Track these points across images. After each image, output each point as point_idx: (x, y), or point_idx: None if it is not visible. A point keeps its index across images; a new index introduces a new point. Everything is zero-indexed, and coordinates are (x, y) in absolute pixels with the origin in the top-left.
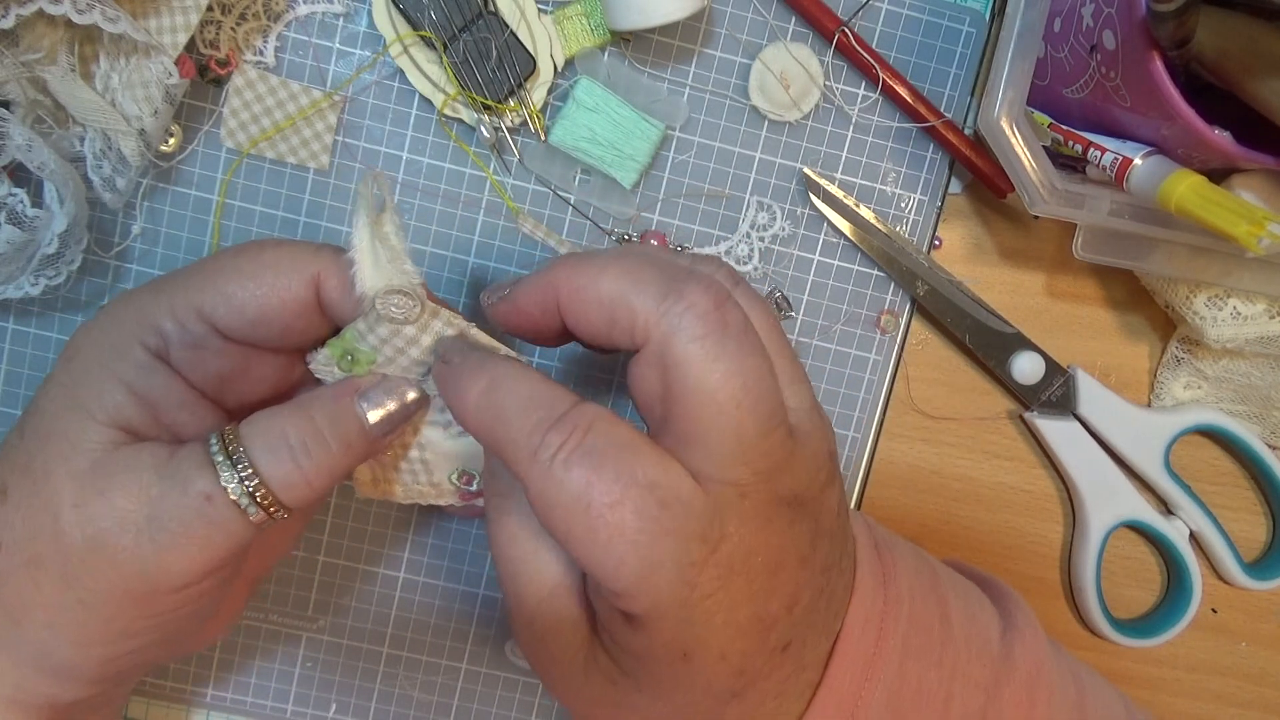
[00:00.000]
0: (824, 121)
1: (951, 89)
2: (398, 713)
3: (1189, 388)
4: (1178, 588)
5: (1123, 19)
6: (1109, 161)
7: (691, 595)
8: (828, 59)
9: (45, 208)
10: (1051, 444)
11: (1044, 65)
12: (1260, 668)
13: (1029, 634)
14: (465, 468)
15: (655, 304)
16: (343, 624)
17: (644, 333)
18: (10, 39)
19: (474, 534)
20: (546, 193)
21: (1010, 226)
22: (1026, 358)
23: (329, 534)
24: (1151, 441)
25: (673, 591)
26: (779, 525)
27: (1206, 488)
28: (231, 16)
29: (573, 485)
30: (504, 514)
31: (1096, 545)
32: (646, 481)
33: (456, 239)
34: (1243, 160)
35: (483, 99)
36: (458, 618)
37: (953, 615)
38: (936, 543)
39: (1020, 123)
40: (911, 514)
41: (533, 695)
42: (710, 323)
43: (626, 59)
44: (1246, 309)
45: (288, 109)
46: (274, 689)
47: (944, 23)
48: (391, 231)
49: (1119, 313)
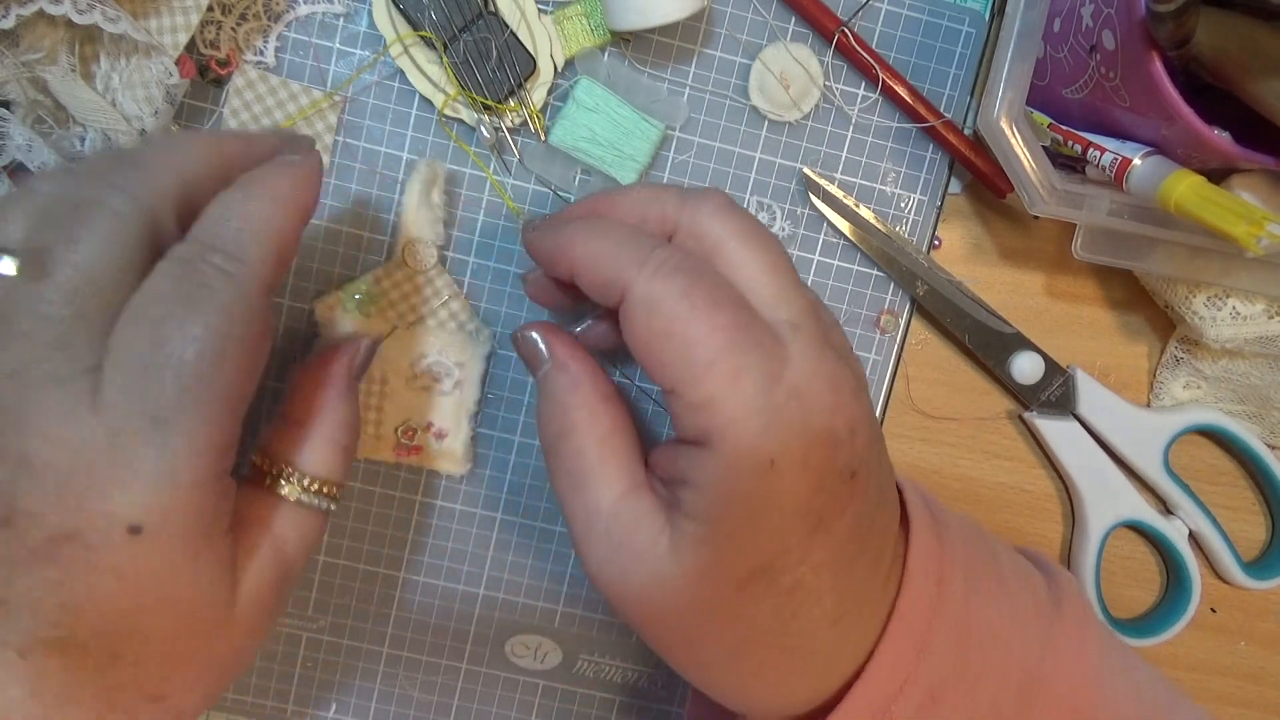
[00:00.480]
0: (824, 121)
1: (951, 89)
2: (398, 713)
3: (1188, 387)
4: (1177, 587)
5: (1122, 19)
6: (1108, 161)
7: (770, 402)
8: (828, 59)
9: None
10: (1051, 444)
11: (1043, 65)
12: (1259, 667)
13: (1066, 582)
14: (411, 421)
15: (679, 199)
16: (343, 624)
17: (673, 221)
18: (11, 39)
19: (474, 534)
20: (546, 193)
21: (1010, 226)
22: (1026, 358)
23: (329, 534)
24: (1151, 441)
25: (756, 398)
26: (830, 358)
27: (1206, 487)
28: (232, 16)
29: (676, 287)
30: (569, 433)
31: (1096, 545)
32: (735, 296)
33: (456, 239)
34: (1242, 160)
35: (483, 99)
36: (458, 618)
37: (1002, 560)
38: None
39: (1020, 123)
40: None
41: (533, 695)
42: (729, 201)
43: (626, 59)
44: (1246, 309)
45: (288, 109)
46: (274, 689)
47: (944, 23)
48: (438, 200)
49: (1118, 313)
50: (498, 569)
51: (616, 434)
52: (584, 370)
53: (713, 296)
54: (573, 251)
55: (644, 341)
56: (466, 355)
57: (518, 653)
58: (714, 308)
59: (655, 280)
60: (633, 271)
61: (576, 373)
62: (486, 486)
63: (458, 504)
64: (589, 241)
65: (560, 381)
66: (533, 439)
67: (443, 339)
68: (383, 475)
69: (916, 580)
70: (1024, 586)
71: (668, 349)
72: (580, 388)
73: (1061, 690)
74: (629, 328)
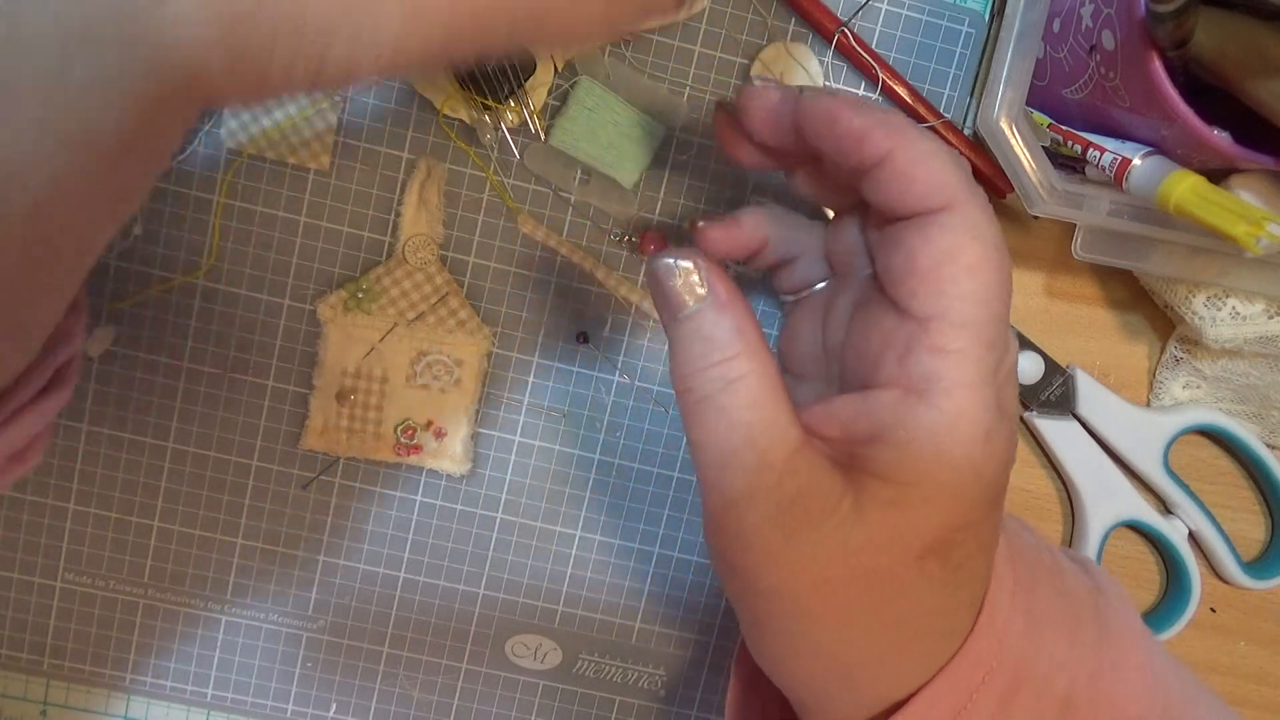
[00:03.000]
0: None
1: (951, 89)
2: (398, 713)
3: (1188, 387)
4: (1176, 587)
5: (1122, 19)
6: (1108, 162)
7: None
8: (827, 59)
9: None
10: (1051, 444)
11: (1043, 65)
12: (1259, 667)
13: (1100, 573)
14: (411, 420)
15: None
16: (343, 624)
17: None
18: None
19: (474, 534)
20: (546, 193)
21: (1010, 226)
22: (1026, 358)
23: (329, 534)
24: (1150, 441)
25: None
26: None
27: (1205, 487)
28: None
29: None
30: (739, 380)
31: (1095, 545)
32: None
33: (456, 239)
34: (1242, 160)
35: (483, 99)
36: (458, 618)
37: (1051, 548)
38: None
39: (1020, 123)
40: None
41: (533, 695)
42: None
43: (626, 59)
44: (1245, 309)
45: (288, 109)
46: (274, 689)
47: (944, 23)
48: (435, 198)
49: (1118, 313)
50: (498, 569)
51: (782, 382)
52: (747, 311)
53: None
54: (902, 138)
55: (944, 258)
56: (466, 354)
57: (518, 653)
58: (1009, 278)
59: (985, 213)
60: (966, 192)
61: (740, 314)
62: (486, 486)
63: (458, 504)
64: (923, 140)
65: (724, 323)
66: (533, 439)
67: (442, 337)
68: (383, 475)
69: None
70: (1073, 570)
71: (962, 281)
72: (747, 332)
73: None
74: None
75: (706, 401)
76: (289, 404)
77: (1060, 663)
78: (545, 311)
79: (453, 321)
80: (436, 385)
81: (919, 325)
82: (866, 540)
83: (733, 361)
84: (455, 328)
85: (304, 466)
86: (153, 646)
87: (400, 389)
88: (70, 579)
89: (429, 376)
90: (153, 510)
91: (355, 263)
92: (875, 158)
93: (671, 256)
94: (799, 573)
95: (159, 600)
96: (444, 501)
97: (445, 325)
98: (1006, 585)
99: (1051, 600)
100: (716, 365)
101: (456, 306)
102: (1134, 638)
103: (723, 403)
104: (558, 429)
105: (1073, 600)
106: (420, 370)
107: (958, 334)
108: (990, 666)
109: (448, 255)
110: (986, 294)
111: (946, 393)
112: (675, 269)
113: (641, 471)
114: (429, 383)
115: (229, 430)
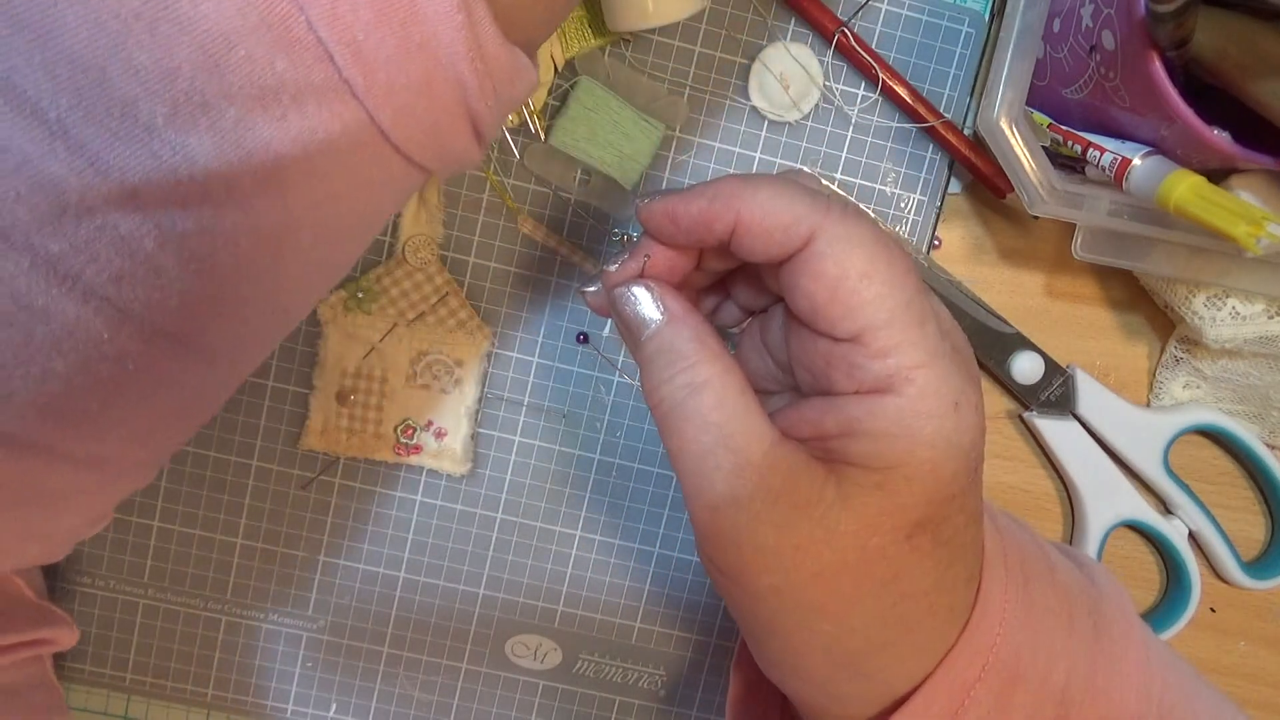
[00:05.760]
0: (824, 122)
1: (951, 89)
2: (398, 713)
3: (1188, 387)
4: (1176, 587)
5: (1122, 19)
6: (1108, 161)
7: (945, 348)
8: (827, 59)
9: None
10: (1051, 444)
11: (1043, 65)
12: (1259, 667)
13: (1095, 568)
14: (410, 419)
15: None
16: (343, 624)
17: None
18: None
19: (474, 534)
20: (546, 193)
21: (1010, 226)
22: (1026, 358)
23: (329, 534)
24: (1150, 441)
25: (939, 343)
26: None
27: (1205, 487)
28: None
29: (870, 229)
30: (705, 386)
31: (1096, 545)
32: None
33: (457, 239)
34: (1241, 160)
35: None
36: (458, 618)
37: (1044, 543)
38: None
39: (1020, 123)
40: None
41: (533, 695)
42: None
43: (626, 59)
44: (1245, 309)
45: None
46: (274, 689)
47: (943, 23)
48: (434, 199)
49: (1118, 313)
50: (498, 569)
51: (748, 385)
52: (703, 323)
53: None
54: (739, 201)
55: (836, 282)
56: (466, 354)
57: (518, 653)
58: (903, 254)
59: (848, 221)
60: (820, 215)
61: (697, 326)
62: (486, 486)
63: (458, 504)
64: (759, 191)
65: (682, 334)
66: (533, 439)
67: (442, 337)
68: (383, 475)
69: (986, 569)
70: (1066, 565)
71: (863, 290)
72: (706, 341)
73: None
74: (818, 270)
75: (676, 409)
76: (289, 404)
77: (1056, 656)
78: (545, 311)
79: (453, 321)
80: (436, 385)
81: (851, 343)
82: (856, 524)
83: (695, 368)
84: (455, 328)
85: (304, 466)
86: (153, 646)
87: (400, 389)
88: (70, 579)
89: (429, 376)
90: (153, 510)
91: (355, 262)
92: (727, 231)
93: (625, 285)
94: (796, 566)
95: (159, 600)
96: (444, 501)
97: (445, 325)
98: (999, 577)
99: (1046, 594)
100: (680, 373)
101: (456, 306)
102: (1130, 632)
103: (691, 407)
104: (558, 429)
105: (1067, 594)
106: (420, 370)
107: (889, 332)
108: (987, 659)
109: (448, 255)
110: (892, 284)
111: (906, 380)
112: (630, 296)
113: (641, 471)
114: (429, 383)
115: (229, 430)
